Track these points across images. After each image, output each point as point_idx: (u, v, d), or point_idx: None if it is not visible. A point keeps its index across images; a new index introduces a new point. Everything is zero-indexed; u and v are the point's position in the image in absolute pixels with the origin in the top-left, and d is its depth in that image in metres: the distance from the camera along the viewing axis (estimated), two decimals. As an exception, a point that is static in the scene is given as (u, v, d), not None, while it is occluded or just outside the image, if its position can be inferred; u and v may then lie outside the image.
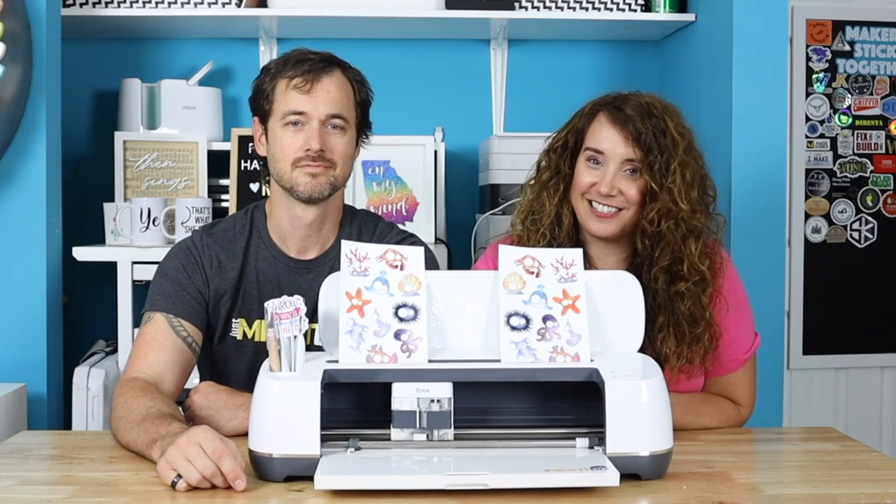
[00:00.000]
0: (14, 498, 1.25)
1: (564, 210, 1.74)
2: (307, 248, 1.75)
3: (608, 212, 1.69)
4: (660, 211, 1.66)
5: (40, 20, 2.24)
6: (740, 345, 1.73)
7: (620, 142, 1.67)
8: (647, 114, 1.68)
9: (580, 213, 1.72)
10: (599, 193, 1.68)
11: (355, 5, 2.62)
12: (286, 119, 1.67)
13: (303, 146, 1.66)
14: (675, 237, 1.66)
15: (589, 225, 1.70)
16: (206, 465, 1.25)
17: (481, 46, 2.94)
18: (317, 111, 1.66)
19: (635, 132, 1.66)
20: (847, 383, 2.93)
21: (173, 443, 1.28)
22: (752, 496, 1.28)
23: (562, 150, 1.75)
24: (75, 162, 2.79)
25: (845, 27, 2.87)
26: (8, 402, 2.11)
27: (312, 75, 1.66)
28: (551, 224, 1.73)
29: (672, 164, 1.66)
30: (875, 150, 2.91)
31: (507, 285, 1.42)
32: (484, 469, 1.24)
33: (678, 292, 1.66)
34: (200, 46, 2.86)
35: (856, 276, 2.91)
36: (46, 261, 2.27)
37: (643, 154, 1.66)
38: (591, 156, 1.70)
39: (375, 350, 1.36)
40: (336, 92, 1.68)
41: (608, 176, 1.68)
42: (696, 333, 1.66)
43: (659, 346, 1.66)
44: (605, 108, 1.72)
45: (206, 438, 1.27)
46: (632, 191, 1.68)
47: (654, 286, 1.67)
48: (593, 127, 1.71)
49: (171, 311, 1.66)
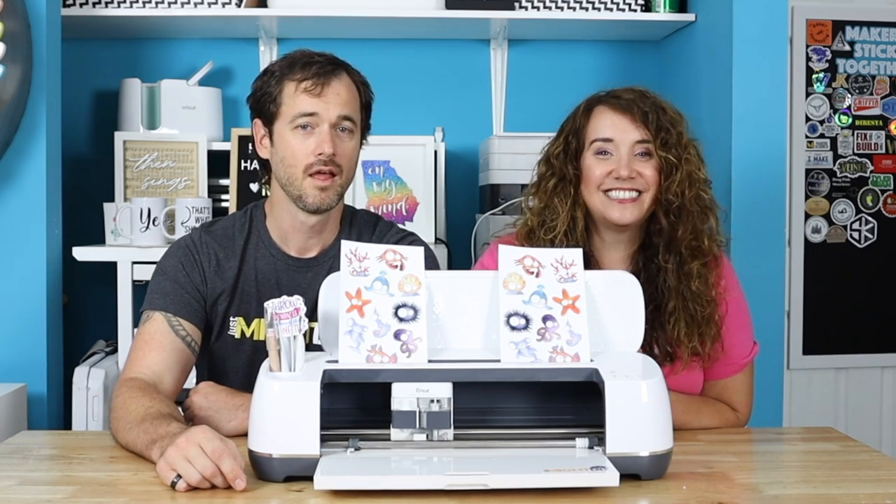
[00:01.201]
0: (14, 498, 1.25)
1: (578, 213, 1.73)
2: (308, 248, 1.75)
3: (628, 196, 1.68)
4: (681, 183, 1.67)
5: (40, 20, 2.24)
6: (739, 349, 1.74)
7: (628, 125, 1.69)
8: (644, 96, 1.71)
9: (597, 206, 1.70)
10: (619, 178, 1.67)
11: (355, 5, 2.62)
12: (296, 122, 1.66)
13: (314, 150, 1.65)
14: (696, 210, 1.69)
15: (610, 214, 1.69)
16: (206, 465, 1.25)
17: (481, 46, 2.94)
18: (328, 113, 1.66)
19: (641, 113, 1.68)
20: (847, 383, 2.93)
21: (173, 443, 1.28)
22: (752, 496, 1.28)
23: (563, 154, 1.74)
24: (75, 162, 2.79)
25: (845, 27, 2.87)
26: (8, 402, 2.11)
27: (322, 78, 1.66)
28: (566, 231, 1.72)
29: (684, 138, 1.70)
30: (875, 150, 2.91)
31: (506, 285, 1.42)
32: (484, 469, 1.24)
33: (689, 272, 1.68)
34: (200, 46, 2.86)
35: (856, 276, 2.91)
36: (46, 261, 2.27)
37: (653, 133, 1.68)
38: (600, 147, 1.70)
39: (375, 350, 1.36)
40: (346, 94, 1.68)
41: (623, 159, 1.68)
42: (706, 314, 1.68)
43: (671, 330, 1.67)
44: (601, 101, 1.73)
45: (205, 438, 1.27)
46: (648, 171, 1.68)
47: (666, 267, 1.68)
48: (594, 121, 1.72)
49: (170, 310, 1.66)
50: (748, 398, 1.76)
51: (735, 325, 1.73)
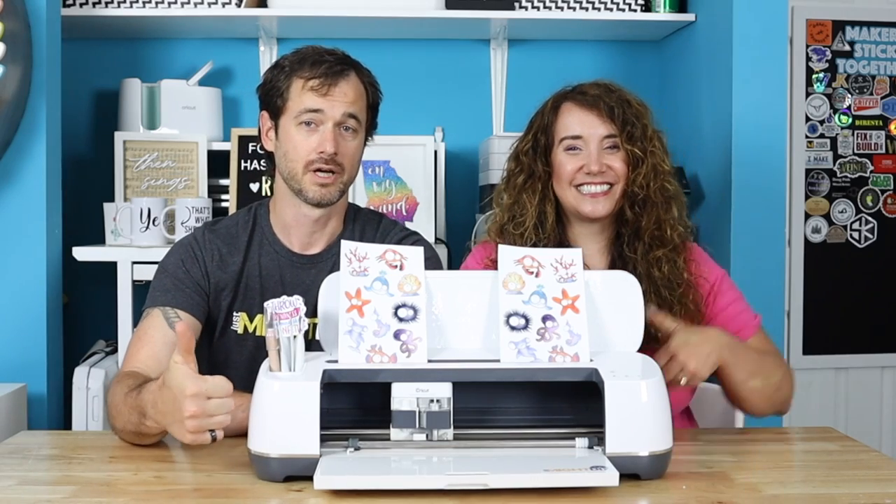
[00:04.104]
0: (14, 498, 1.25)
1: (547, 208, 1.77)
2: (311, 244, 1.76)
3: (600, 191, 1.73)
4: (646, 175, 1.72)
5: (40, 20, 2.24)
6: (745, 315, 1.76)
7: (595, 121, 1.73)
8: (609, 90, 1.75)
9: (570, 201, 1.75)
10: (589, 174, 1.72)
11: (355, 5, 2.62)
12: (301, 118, 1.67)
13: (316, 148, 1.66)
14: (660, 200, 1.73)
15: (583, 208, 1.73)
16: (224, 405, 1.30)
17: (481, 46, 2.94)
18: (333, 112, 1.67)
19: (607, 108, 1.73)
20: (847, 383, 2.93)
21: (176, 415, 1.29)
22: (752, 496, 1.28)
23: (532, 151, 1.79)
24: (75, 162, 2.79)
25: (845, 27, 2.88)
26: (8, 402, 2.11)
27: (331, 78, 1.67)
28: (535, 225, 1.76)
29: (649, 131, 1.75)
30: (875, 150, 2.91)
31: (506, 285, 1.42)
32: (484, 469, 1.24)
33: (656, 258, 1.72)
34: (200, 46, 2.86)
35: (856, 276, 2.91)
36: (46, 261, 2.27)
37: (619, 127, 1.72)
38: (570, 144, 1.74)
39: (375, 350, 1.36)
40: (353, 94, 1.69)
41: (593, 154, 1.72)
42: (678, 295, 1.71)
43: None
44: (568, 97, 1.77)
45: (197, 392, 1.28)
46: (617, 164, 1.73)
47: (634, 257, 1.73)
48: (562, 118, 1.76)
49: (168, 304, 1.66)
50: (776, 349, 1.76)
51: (726, 300, 1.76)
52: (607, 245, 1.79)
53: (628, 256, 1.74)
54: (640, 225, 1.73)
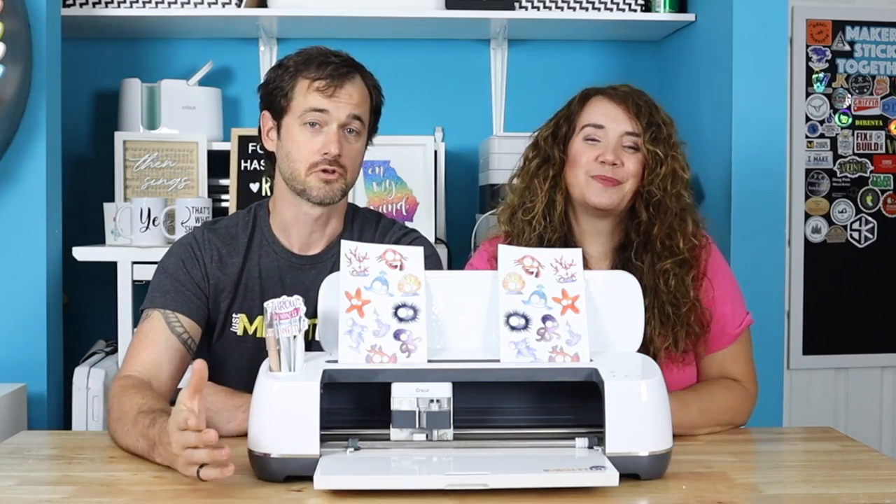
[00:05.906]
0: (13, 498, 1.25)
1: (557, 196, 1.74)
2: (311, 244, 1.76)
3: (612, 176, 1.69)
4: (665, 178, 1.70)
5: (40, 20, 2.24)
6: (729, 319, 1.73)
7: (622, 115, 1.72)
8: (640, 93, 1.76)
9: (580, 185, 1.71)
10: (603, 163, 1.69)
11: (355, 5, 2.62)
12: (306, 118, 1.67)
13: (320, 149, 1.66)
14: (676, 208, 1.71)
15: (590, 196, 1.70)
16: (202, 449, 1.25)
17: (481, 46, 2.94)
18: (338, 113, 1.66)
19: (634, 106, 1.72)
20: (847, 383, 2.93)
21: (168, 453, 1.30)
22: (752, 496, 1.28)
23: (552, 138, 1.77)
24: (75, 162, 2.79)
25: (845, 27, 2.87)
26: (8, 402, 2.11)
27: (337, 80, 1.66)
28: (543, 211, 1.74)
29: (672, 139, 1.73)
30: (875, 150, 2.91)
31: (506, 285, 1.42)
32: (483, 469, 1.24)
33: (664, 270, 1.69)
34: (200, 46, 2.86)
35: (856, 276, 2.91)
36: (46, 261, 2.27)
37: (643, 127, 1.70)
38: (591, 133, 1.72)
39: (375, 350, 1.36)
40: (357, 97, 1.69)
41: (611, 145, 1.70)
42: (681, 314, 1.68)
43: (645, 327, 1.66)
44: (598, 91, 1.77)
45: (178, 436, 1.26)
46: (632, 164, 1.71)
47: (641, 266, 1.70)
48: (589, 108, 1.75)
49: (169, 307, 1.65)
50: (748, 367, 1.74)
51: (722, 297, 1.73)
52: (612, 250, 1.76)
53: (635, 265, 1.70)
54: (653, 231, 1.70)
